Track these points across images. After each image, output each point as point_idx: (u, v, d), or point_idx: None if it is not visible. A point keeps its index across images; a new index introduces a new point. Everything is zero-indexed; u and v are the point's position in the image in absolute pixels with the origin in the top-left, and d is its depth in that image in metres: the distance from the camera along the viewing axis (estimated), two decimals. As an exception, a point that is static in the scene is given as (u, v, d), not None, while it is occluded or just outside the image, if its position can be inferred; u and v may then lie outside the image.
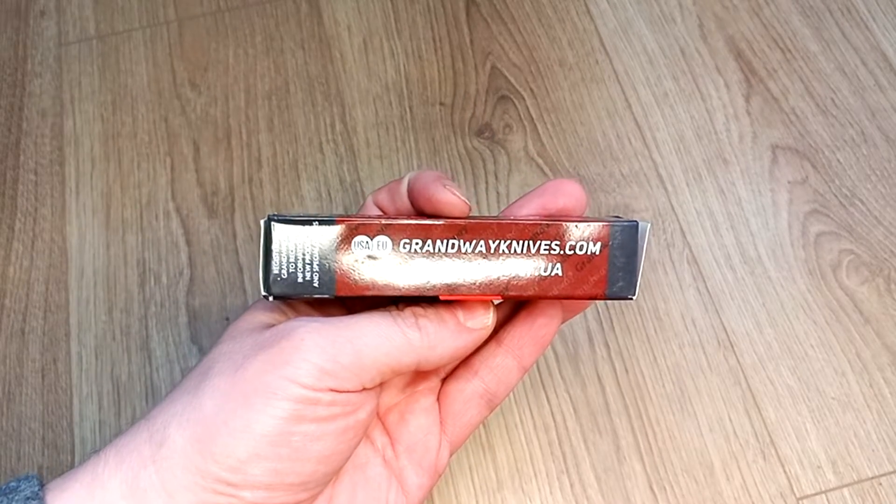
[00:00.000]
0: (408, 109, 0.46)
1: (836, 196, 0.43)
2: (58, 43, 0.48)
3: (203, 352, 0.40)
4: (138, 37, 0.48)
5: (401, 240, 0.25)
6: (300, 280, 0.25)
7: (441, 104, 0.46)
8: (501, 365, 0.30)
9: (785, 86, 0.46)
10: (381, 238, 0.25)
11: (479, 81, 0.46)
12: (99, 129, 0.45)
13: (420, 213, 0.27)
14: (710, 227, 0.42)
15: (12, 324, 0.40)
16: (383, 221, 0.25)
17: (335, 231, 0.25)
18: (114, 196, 0.44)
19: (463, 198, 0.26)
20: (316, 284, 0.25)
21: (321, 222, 0.25)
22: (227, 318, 0.40)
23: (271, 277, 0.25)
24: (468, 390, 0.30)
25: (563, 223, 0.26)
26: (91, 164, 0.44)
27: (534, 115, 0.45)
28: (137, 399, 0.39)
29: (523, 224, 0.26)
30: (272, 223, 0.25)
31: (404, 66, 0.47)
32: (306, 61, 0.47)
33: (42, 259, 0.42)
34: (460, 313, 0.27)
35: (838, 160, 0.43)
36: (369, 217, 0.26)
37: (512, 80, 0.46)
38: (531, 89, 0.46)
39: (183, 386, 0.25)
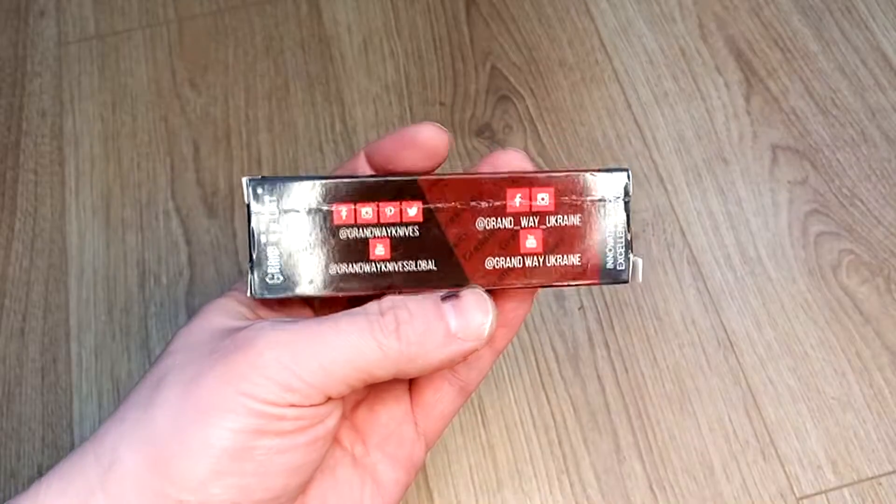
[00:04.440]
0: (408, 109, 0.46)
1: (836, 196, 0.43)
2: (58, 43, 0.48)
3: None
4: (138, 37, 0.48)
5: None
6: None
7: (441, 104, 0.46)
8: None
9: (785, 86, 0.46)
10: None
11: (479, 81, 0.46)
12: (99, 128, 0.45)
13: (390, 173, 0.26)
14: (710, 227, 0.42)
15: (12, 324, 0.40)
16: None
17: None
18: (114, 196, 0.44)
19: (442, 128, 0.25)
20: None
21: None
22: (227, 318, 0.40)
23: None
24: (437, 379, 0.28)
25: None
26: (91, 164, 0.44)
27: (534, 115, 0.45)
28: (137, 399, 0.39)
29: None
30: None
31: (404, 65, 0.47)
32: (306, 61, 0.47)
33: (42, 259, 0.42)
34: (453, 319, 0.24)
35: (838, 160, 0.43)
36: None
37: (512, 80, 0.46)
38: (531, 89, 0.46)
39: (130, 400, 0.24)
